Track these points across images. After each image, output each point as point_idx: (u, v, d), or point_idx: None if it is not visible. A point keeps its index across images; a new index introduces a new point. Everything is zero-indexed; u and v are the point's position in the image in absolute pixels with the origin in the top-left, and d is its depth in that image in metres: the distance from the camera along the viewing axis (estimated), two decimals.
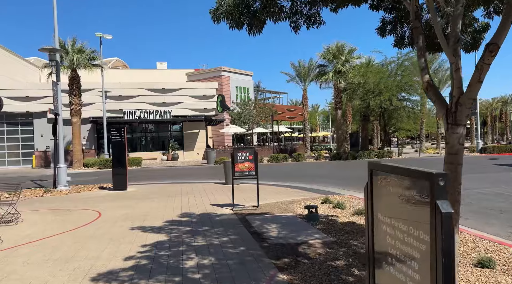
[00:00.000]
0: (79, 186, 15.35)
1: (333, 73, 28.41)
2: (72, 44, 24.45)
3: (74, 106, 25.18)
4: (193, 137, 33.67)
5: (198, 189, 13.56)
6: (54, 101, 13.96)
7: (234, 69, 44.21)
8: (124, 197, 11.98)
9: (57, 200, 11.81)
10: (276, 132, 36.35)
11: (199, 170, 23.10)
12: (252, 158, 9.31)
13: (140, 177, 19.62)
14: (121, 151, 13.87)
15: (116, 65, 63.39)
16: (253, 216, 8.33)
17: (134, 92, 31.39)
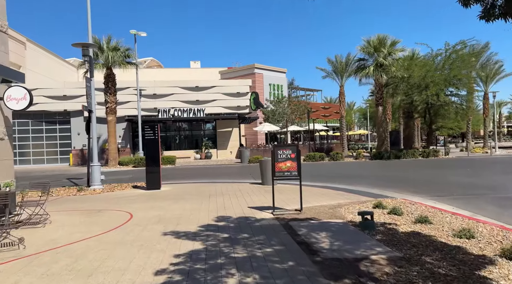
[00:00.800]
0: (113, 184, 15.03)
1: (374, 67, 26.81)
2: (107, 42, 24.50)
3: (110, 105, 25.26)
4: (226, 135, 33.14)
5: (233, 189, 12.79)
6: (87, 98, 13.67)
7: (267, 66, 43.39)
8: (157, 197, 11.41)
9: (89, 199, 11.42)
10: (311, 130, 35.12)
11: (233, 169, 22.42)
12: (295, 156, 8.37)
13: (174, 175, 19.18)
14: (154, 149, 13.35)
15: (151, 65, 64.39)
16: (297, 221, 7.39)
17: (168, 90, 31.27)
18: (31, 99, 8.61)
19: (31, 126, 29.92)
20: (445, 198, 10.02)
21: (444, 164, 22.65)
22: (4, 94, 8.47)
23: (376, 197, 10.30)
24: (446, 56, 25.04)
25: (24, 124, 29.87)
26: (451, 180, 14.35)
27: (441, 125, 38.68)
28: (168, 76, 39.33)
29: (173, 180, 17.11)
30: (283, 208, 8.84)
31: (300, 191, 8.44)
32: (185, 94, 31.59)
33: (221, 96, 32.12)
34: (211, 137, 33.42)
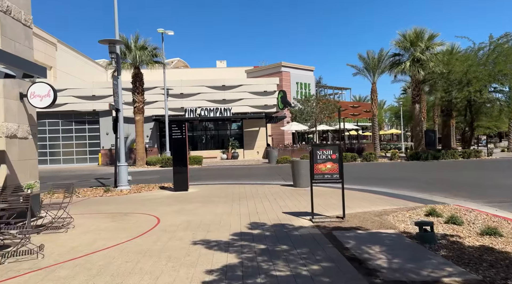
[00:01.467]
0: (140, 185, 14.64)
1: (411, 62, 25.32)
2: (135, 41, 24.36)
3: (137, 104, 25.13)
4: (253, 135, 32.48)
5: (263, 191, 12.05)
6: (114, 96, 13.31)
7: (294, 64, 42.45)
8: (185, 199, 10.83)
9: (115, 201, 10.98)
10: (341, 130, 33.86)
11: (261, 170, 21.69)
12: (336, 157, 7.51)
13: (201, 176, 18.67)
14: (182, 149, 12.82)
15: (178, 65, 64.81)
16: (342, 231, 6.55)
17: (194, 89, 30.96)
18: (55, 96, 8.18)
19: (61, 126, 30.35)
20: (507, 204, 8.87)
21: (489, 165, 21.01)
22: (28, 91, 8.09)
23: (424, 203, 9.28)
24: (490, 49, 23.27)
25: (55, 124, 30.34)
26: (505, 183, 13.01)
27: (477, 125, 36.51)
28: (194, 76, 39.16)
29: (200, 180, 16.58)
30: (322, 214, 8.01)
31: (342, 195, 7.57)
32: (211, 93, 31.18)
33: (247, 95, 31.50)
34: (237, 137, 32.87)
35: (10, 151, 7.64)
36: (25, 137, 8.24)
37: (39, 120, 30.31)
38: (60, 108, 29.49)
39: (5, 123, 7.49)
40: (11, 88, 7.77)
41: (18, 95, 8.03)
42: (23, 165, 8.12)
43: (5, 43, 7.55)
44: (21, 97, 8.11)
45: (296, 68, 42.17)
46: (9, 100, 7.69)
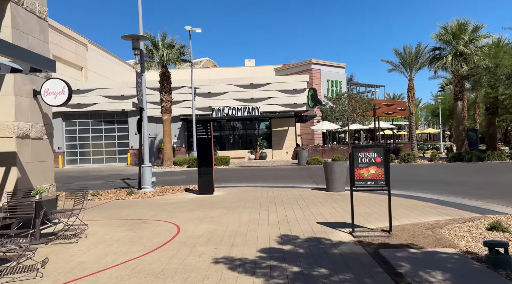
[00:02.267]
0: (165, 187, 14.05)
1: (453, 56, 23.44)
2: (162, 39, 23.99)
3: (165, 104, 24.79)
4: (282, 135, 31.49)
5: (294, 195, 11.09)
6: (138, 95, 12.76)
7: (325, 61, 41.06)
8: (209, 204, 10.05)
9: (137, 205, 10.38)
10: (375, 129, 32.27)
11: (290, 171, 20.69)
12: (381, 160, 6.45)
13: (228, 177, 17.94)
14: (207, 149, 12.07)
15: (206, 65, 64.82)
16: (391, 250, 5.50)
17: (222, 88, 30.37)
18: (70, 93, 7.58)
19: (91, 126, 30.63)
20: None
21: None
22: (42, 88, 7.54)
23: (481, 212, 8.03)
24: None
25: (85, 124, 30.65)
26: None
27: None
28: (222, 75, 38.65)
29: (227, 182, 15.83)
30: (363, 226, 6.96)
31: (389, 206, 6.49)
32: (239, 92, 30.48)
33: (276, 93, 30.54)
34: (266, 136, 31.99)
35: (22, 152, 7.11)
36: (39, 138, 7.72)
37: (69, 120, 31.10)
38: (90, 108, 29.76)
39: (16, 122, 6.96)
40: (22, 84, 7.24)
41: (31, 93, 7.51)
42: (37, 167, 7.59)
43: (16, 36, 7.02)
44: (35, 94, 7.58)
45: (327, 65, 40.75)
46: (20, 97, 7.17)
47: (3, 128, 6.90)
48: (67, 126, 30.46)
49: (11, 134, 6.91)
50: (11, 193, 6.82)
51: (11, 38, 6.87)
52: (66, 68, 32.11)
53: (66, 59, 31.94)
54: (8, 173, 6.91)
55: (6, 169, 6.90)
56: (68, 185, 17.14)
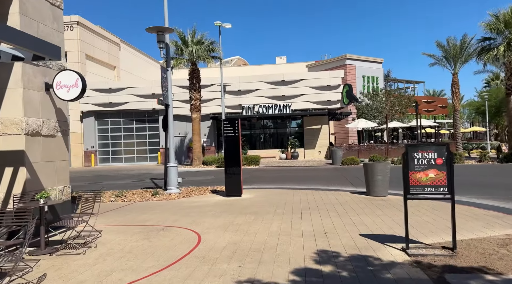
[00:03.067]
0: (191, 188, 13.33)
1: (505, 47, 21.24)
2: (192, 35, 23.43)
3: (194, 102, 24.25)
4: (314, 133, 30.18)
5: (329, 200, 9.98)
6: (163, 90, 12.11)
7: (360, 56, 39.21)
8: (236, 208, 9.15)
9: (159, 207, 9.66)
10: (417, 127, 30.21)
11: (324, 172, 19.45)
12: (443, 162, 5.26)
13: (257, 178, 17.02)
14: (234, 148, 11.20)
15: (238, 63, 64.32)
16: (460, 275, 4.33)
17: (252, 85, 29.48)
18: (84, 86, 6.90)
19: (122, 125, 30.72)
20: None
21: None
22: (54, 81, 6.91)
23: None
24: None
25: (116, 123, 30.80)
26: None
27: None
28: (253, 72, 37.81)
29: (256, 183, 14.91)
30: (419, 241, 5.79)
31: (452, 218, 5.28)
32: (270, 89, 29.47)
33: (309, 90, 29.25)
34: (297, 135, 30.80)
35: (31, 151, 6.50)
36: (52, 135, 7.10)
37: (101, 119, 31.34)
38: (121, 107, 29.84)
39: (24, 118, 6.35)
40: (32, 77, 6.63)
41: (43, 86, 6.89)
42: (49, 167, 6.97)
43: (25, 24, 6.41)
44: (47, 88, 6.97)
45: (363, 61, 38.86)
46: (30, 91, 6.55)
47: (11, 124, 6.31)
48: (99, 125, 30.74)
49: (19, 131, 6.31)
50: (18, 195, 6.21)
51: (19, 25, 6.27)
52: (99, 67, 32.46)
53: (99, 59, 32.28)
54: (16, 174, 6.31)
55: (14, 169, 6.31)
56: (99, 184, 16.90)
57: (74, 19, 29.09)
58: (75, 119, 29.87)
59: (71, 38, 29.06)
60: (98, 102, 29.68)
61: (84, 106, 29.71)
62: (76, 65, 29.38)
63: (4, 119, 6.33)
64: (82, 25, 29.77)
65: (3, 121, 6.33)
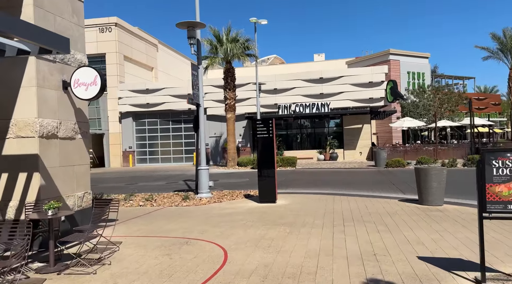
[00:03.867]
0: (224, 192, 12.64)
1: None
2: (227, 33, 22.84)
3: (229, 101, 23.65)
4: (355, 133, 28.61)
5: (376, 209, 8.84)
6: (193, 89, 11.48)
7: (405, 51, 36.95)
8: (269, 217, 8.27)
9: (188, 214, 8.99)
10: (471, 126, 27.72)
11: (367, 175, 18.08)
12: None
13: (293, 181, 16.03)
14: (268, 149, 10.34)
15: (274, 62, 63.41)
16: None
17: (289, 84, 28.44)
18: (103, 84, 6.32)
19: (159, 125, 30.82)
20: None
21: None
22: (72, 79, 6.38)
23: None
24: None
25: (153, 123, 30.95)
26: None
27: None
28: (289, 71, 36.71)
29: (292, 187, 13.96)
30: (493, 268, 4.62)
31: None
32: (308, 87, 28.28)
33: (349, 87, 27.74)
34: (336, 135, 29.37)
35: (46, 155, 5.99)
36: (71, 138, 6.58)
37: (139, 119, 31.65)
38: (158, 108, 29.92)
39: (38, 119, 5.85)
40: (48, 74, 6.12)
41: (60, 84, 6.38)
42: (67, 173, 6.46)
43: (40, 16, 5.91)
44: (65, 86, 6.45)
45: (407, 56, 36.58)
46: (45, 90, 6.05)
47: (24, 126, 5.83)
48: (137, 126, 31.04)
49: (32, 133, 5.81)
50: (32, 203, 5.71)
51: (33, 18, 5.78)
52: (137, 69, 32.83)
53: (137, 60, 32.64)
54: (30, 180, 5.83)
55: (28, 174, 5.83)
56: (134, 186, 16.66)
57: (112, 21, 29.52)
58: (114, 120, 30.34)
59: (109, 40, 29.54)
60: (135, 103, 29.96)
61: (122, 107, 30.11)
62: (115, 67, 29.84)
63: (17, 120, 5.87)
64: (120, 27, 30.16)
65: (17, 122, 5.86)
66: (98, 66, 30.18)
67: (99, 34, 29.73)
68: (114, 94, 29.92)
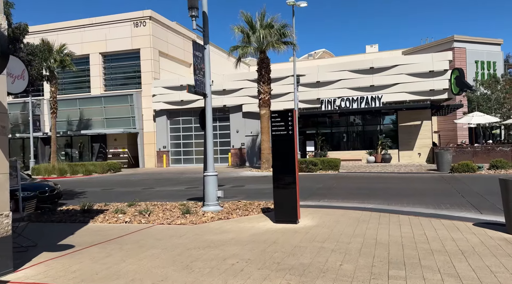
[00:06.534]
0: (239, 203, 10.20)
1: None
2: (261, 19, 20.29)
3: (263, 96, 21.15)
4: (412, 131, 24.70)
5: (442, 242, 5.85)
6: (195, 74, 9.14)
7: (472, 37, 31.93)
8: (276, 253, 5.63)
9: (169, 241, 6.63)
10: None
11: (427, 183, 14.59)
12: None
13: (331, 189, 13.12)
14: (287, 150, 7.71)
15: (323, 57, 59.85)
16: None
17: (333, 75, 25.25)
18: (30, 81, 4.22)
19: (193, 124, 29.14)
20: None
21: None
22: None
23: None
24: None
25: (188, 122, 29.35)
26: None
27: None
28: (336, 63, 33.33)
29: (329, 197, 11.14)
30: None
31: None
32: (355, 79, 24.90)
33: (405, 78, 23.92)
34: (390, 134, 25.64)
35: None
36: None
37: (173, 118, 30.18)
38: (192, 105, 28.24)
39: None
40: None
41: None
42: None
43: None
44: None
45: (475, 43, 31.54)
46: None
47: None
48: (171, 124, 29.65)
49: None
50: None
51: None
52: (174, 65, 31.48)
53: (173, 56, 31.32)
54: None
55: None
56: (149, 191, 14.80)
57: (146, 14, 28.36)
58: (148, 118, 29.20)
59: (143, 34, 28.40)
60: (170, 101, 28.55)
61: (156, 105, 28.85)
62: (149, 63, 28.65)
63: None
64: (155, 20, 28.92)
65: None
66: (133, 63, 29.21)
67: (134, 29, 28.72)
68: (148, 92, 28.76)
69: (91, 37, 29.70)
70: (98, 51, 29.86)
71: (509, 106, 22.73)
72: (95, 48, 29.79)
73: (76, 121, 30.28)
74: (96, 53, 29.93)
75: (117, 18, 29.23)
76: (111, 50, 29.56)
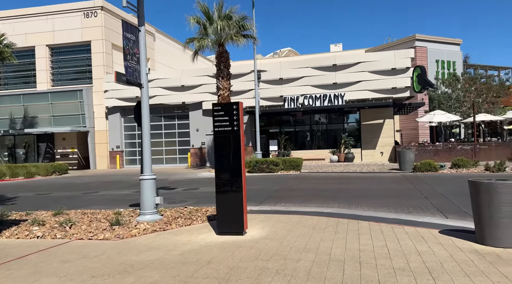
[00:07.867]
0: (184, 210, 9.01)
1: None
2: (219, 9, 19.08)
3: (222, 92, 19.92)
4: (375, 130, 24.38)
5: (406, 257, 4.92)
6: (125, 60, 7.79)
7: (433, 37, 32.30)
8: (220, 270, 4.48)
9: (92, 260, 5.31)
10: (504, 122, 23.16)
11: (390, 183, 13.96)
12: None
13: (290, 192, 12.13)
14: (232, 148, 6.59)
15: (288, 55, 59.44)
16: None
17: (297, 72, 24.47)
18: None
19: (150, 122, 27.39)
20: None
21: None
22: None
23: None
24: None
25: None
26: None
27: None
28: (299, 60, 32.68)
29: (285, 201, 10.13)
30: None
31: None
32: (318, 76, 24.24)
33: (367, 75, 23.53)
34: (353, 132, 25.22)
35: None
36: None
37: (128, 115, 28.17)
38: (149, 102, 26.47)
39: None
40: None
41: None
42: None
43: None
44: None
45: (436, 42, 31.92)
46: None
47: None
48: (125, 122, 27.75)
49: None
50: None
51: None
52: None
53: None
54: None
55: None
56: (90, 195, 13.24)
57: (98, 4, 26.33)
58: (100, 116, 27.16)
59: (94, 25, 26.36)
60: (123, 97, 26.66)
61: (109, 102, 26.87)
62: (101, 56, 26.63)
63: None
64: (108, 11, 26.92)
65: None
66: (83, 56, 27.09)
67: (84, 20, 26.60)
68: (100, 87, 26.73)
69: (36, 28, 27.23)
70: (44, 43, 27.43)
71: (469, 104, 22.91)
72: (41, 40, 27.35)
73: (20, 119, 27.66)
74: (42, 45, 27.48)
75: (65, 8, 26.97)
76: (59, 42, 27.25)
